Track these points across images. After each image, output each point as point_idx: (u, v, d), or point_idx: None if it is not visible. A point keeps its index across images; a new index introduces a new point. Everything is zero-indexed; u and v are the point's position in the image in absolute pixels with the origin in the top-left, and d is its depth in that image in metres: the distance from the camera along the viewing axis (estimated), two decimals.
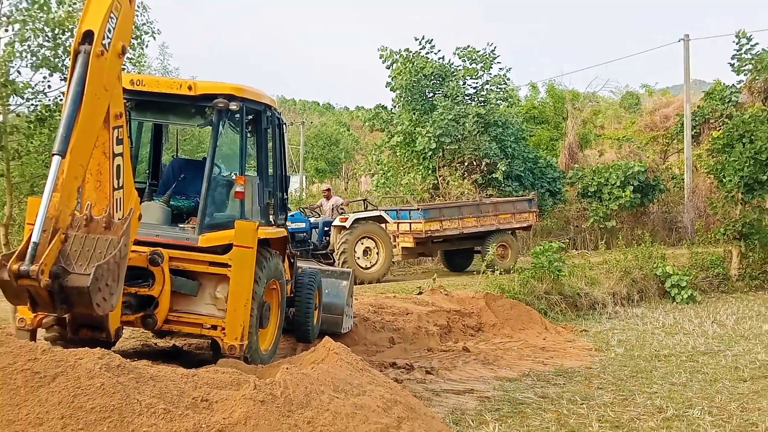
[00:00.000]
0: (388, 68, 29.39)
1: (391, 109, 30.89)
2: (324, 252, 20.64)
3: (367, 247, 20.71)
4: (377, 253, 20.82)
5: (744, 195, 21.76)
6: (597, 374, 11.47)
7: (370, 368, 8.25)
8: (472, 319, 14.86)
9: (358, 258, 20.43)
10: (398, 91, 29.36)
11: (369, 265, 20.73)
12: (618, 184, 28.77)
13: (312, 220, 21.36)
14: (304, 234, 20.47)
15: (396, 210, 23.62)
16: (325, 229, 21.14)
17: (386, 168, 31.21)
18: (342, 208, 22.27)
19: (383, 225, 21.46)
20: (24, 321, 8.75)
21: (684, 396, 10.08)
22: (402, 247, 22.62)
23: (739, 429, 8.58)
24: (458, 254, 24.51)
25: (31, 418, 5.35)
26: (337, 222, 20.57)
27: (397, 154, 30.37)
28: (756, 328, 15.59)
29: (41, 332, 8.72)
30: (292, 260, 11.45)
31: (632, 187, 28.63)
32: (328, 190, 24.07)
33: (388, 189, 30.31)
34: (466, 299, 15.71)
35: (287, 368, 7.23)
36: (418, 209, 23.01)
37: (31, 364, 5.77)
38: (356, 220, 20.55)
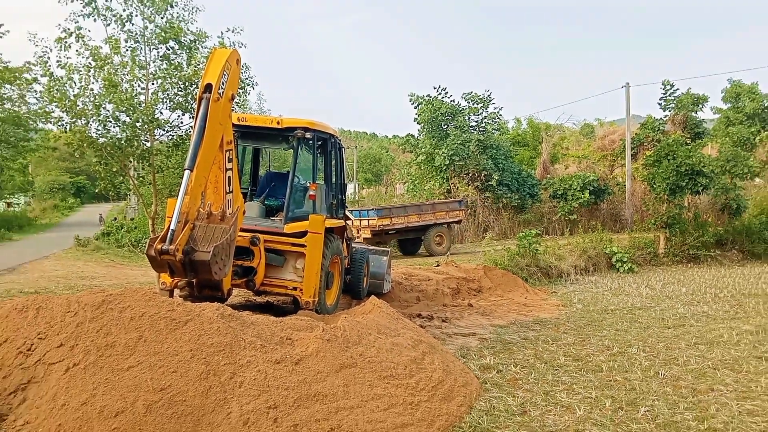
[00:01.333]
0: (415, 108, 29.39)
1: (417, 136, 30.85)
2: None
3: None
4: None
5: (669, 196, 21.55)
6: (563, 323, 11.36)
7: (403, 317, 8.27)
8: (474, 284, 14.76)
9: None
10: (422, 124, 29.40)
11: None
12: (578, 188, 28.50)
13: None
14: None
15: (359, 210, 22.82)
16: None
17: (414, 178, 31.26)
18: None
19: (348, 221, 20.32)
20: (165, 284, 8.89)
21: (625, 338, 9.93)
22: (363, 237, 21.64)
23: (665, 362, 8.45)
24: (408, 242, 23.56)
25: (170, 350, 5.45)
26: None
27: (421, 168, 30.37)
28: (677, 290, 15.30)
29: (176, 291, 8.82)
30: (348, 242, 11.50)
31: (588, 191, 28.40)
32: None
33: (415, 193, 30.32)
34: (470, 269, 15.62)
35: (345, 317, 7.27)
36: (373, 209, 22.41)
37: (170, 313, 5.87)
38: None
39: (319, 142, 10.01)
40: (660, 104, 31.36)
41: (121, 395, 4.96)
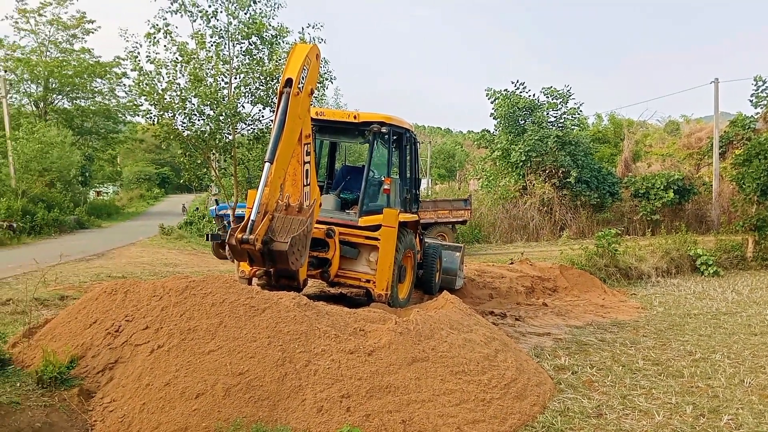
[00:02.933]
0: (492, 103, 29.01)
1: (493, 132, 30.44)
2: None
3: None
4: None
5: (759, 197, 20.48)
6: (642, 326, 10.98)
7: (476, 314, 8.20)
8: (549, 283, 14.49)
9: None
10: (499, 119, 28.95)
11: None
12: (662, 187, 27.48)
13: None
14: None
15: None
16: None
17: (488, 174, 30.87)
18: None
19: None
20: (244, 272, 9.16)
21: (708, 344, 9.52)
22: None
23: (751, 370, 8.05)
24: None
25: (248, 336, 5.62)
26: None
27: (497, 164, 29.94)
28: (765, 296, 14.51)
29: (255, 280, 9.07)
30: (421, 237, 11.50)
31: (672, 190, 27.32)
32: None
33: (489, 189, 29.94)
34: (545, 268, 15.32)
35: (418, 311, 7.29)
36: None
37: (249, 300, 6.05)
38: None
39: (395, 137, 10.04)
40: (751, 101, 29.69)
41: (202, 378, 5.16)
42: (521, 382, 6.40)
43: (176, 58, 11.39)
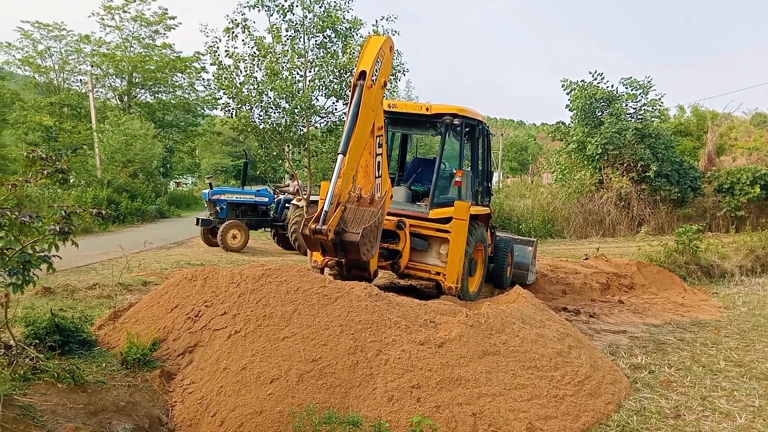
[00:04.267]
0: (568, 94, 28.29)
1: (568, 124, 29.69)
2: (281, 224, 17.67)
3: None
4: None
5: None
6: (724, 326, 10.51)
7: (549, 309, 8.06)
8: (626, 280, 14.05)
9: None
10: (575, 111, 28.17)
11: None
12: (748, 182, 26.15)
13: (277, 196, 18.21)
14: (266, 207, 17.93)
15: None
16: (286, 205, 17.71)
17: (563, 167, 30.14)
18: (304, 189, 18.33)
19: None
20: (316, 262, 9.33)
21: None
22: None
23: None
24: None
25: (321, 324, 5.73)
26: (294, 201, 17.07)
27: (572, 157, 29.18)
28: None
29: (326, 270, 9.21)
30: (493, 230, 11.39)
31: (759, 186, 25.96)
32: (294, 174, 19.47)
33: (563, 183, 29.25)
34: (621, 264, 14.87)
35: (489, 304, 7.24)
36: None
37: (322, 289, 6.16)
38: (311, 202, 16.33)
39: (467, 129, 9.97)
40: None
41: (277, 363, 5.30)
42: (595, 380, 6.26)
43: (254, 53, 11.69)
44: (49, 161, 4.85)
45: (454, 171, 9.90)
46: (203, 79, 38.50)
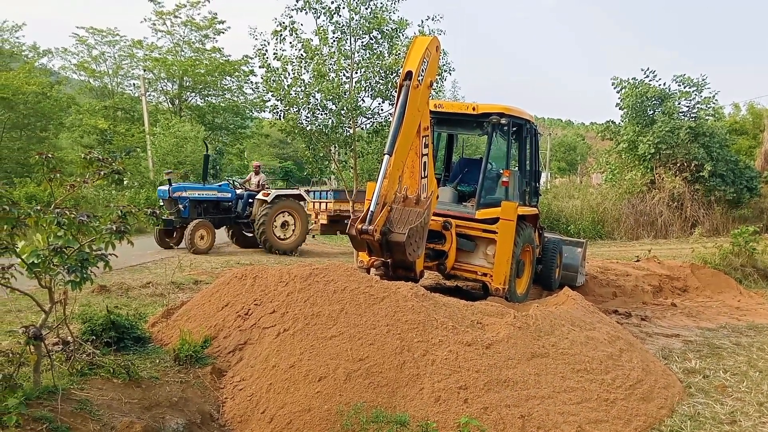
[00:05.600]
0: (618, 92, 27.74)
1: (619, 123, 29.12)
2: (245, 221, 16.82)
3: (285, 221, 16.34)
4: (293, 228, 16.48)
5: None
6: None
7: (599, 312, 7.93)
8: (679, 282, 13.69)
9: (276, 228, 16.22)
10: (625, 110, 27.62)
11: (285, 237, 16.40)
12: None
13: (238, 191, 17.09)
14: (230, 203, 16.74)
15: (318, 191, 19.33)
16: (249, 200, 16.76)
17: (613, 167, 29.59)
18: (267, 185, 17.73)
19: (302, 202, 17.09)
20: (362, 262, 9.38)
21: None
22: (321, 224, 18.59)
23: None
24: None
25: (368, 323, 5.76)
26: (260, 196, 16.37)
27: (622, 156, 28.64)
28: None
29: (372, 270, 9.24)
30: (541, 231, 11.26)
31: None
32: (258, 166, 18.17)
33: (613, 183, 28.70)
34: (674, 267, 14.49)
35: (537, 306, 7.16)
36: (331, 191, 18.34)
37: (368, 289, 6.19)
38: (277, 197, 16.39)
39: (514, 128, 9.88)
40: None
41: (324, 362, 5.35)
42: (647, 384, 6.13)
43: (301, 55, 11.85)
44: (106, 163, 5.01)
45: (501, 171, 9.82)
46: (251, 82, 39.16)
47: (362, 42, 12.25)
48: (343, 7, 11.91)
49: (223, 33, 38.43)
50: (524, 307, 7.94)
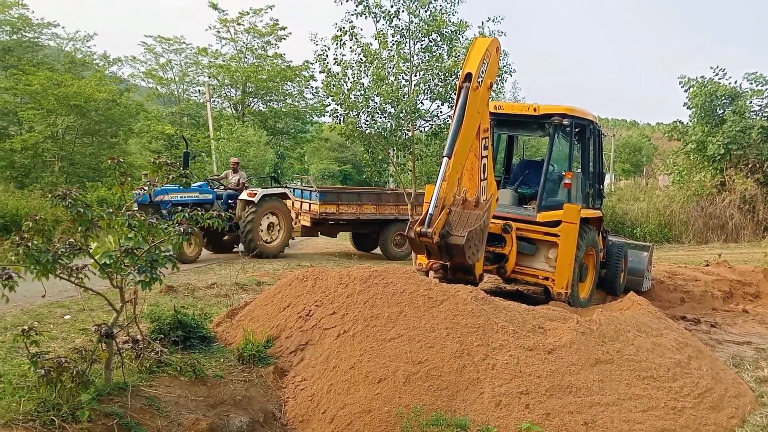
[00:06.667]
0: (686, 91, 26.80)
1: (687, 123, 28.12)
2: (230, 223, 14.79)
3: (271, 222, 15.27)
4: (278, 229, 15.43)
5: None
6: None
7: (666, 317, 7.67)
8: (751, 288, 13.11)
9: (262, 232, 15.12)
10: (693, 109, 26.65)
11: (270, 240, 15.29)
12: None
13: (217, 192, 15.53)
14: (211, 205, 14.99)
15: (301, 190, 17.65)
16: (229, 201, 15.36)
17: (681, 169, 28.58)
18: (246, 184, 16.16)
19: (286, 202, 16.01)
20: (421, 265, 9.37)
21: None
22: (302, 225, 17.08)
23: None
24: (365, 236, 17.84)
25: (427, 326, 5.76)
26: (244, 196, 15.02)
27: (691, 158, 27.64)
28: None
29: (431, 273, 9.22)
30: (605, 235, 11.00)
31: None
32: (237, 163, 16.60)
33: (681, 185, 27.75)
34: (746, 272, 13.89)
35: (601, 311, 7.00)
36: (315, 191, 16.58)
37: (427, 292, 6.19)
38: (264, 196, 15.09)
39: (577, 129, 9.69)
40: None
41: (384, 364, 5.37)
42: (717, 392, 5.89)
43: (361, 59, 11.95)
44: (174, 167, 5.18)
45: (563, 173, 9.65)
46: (312, 87, 39.72)
47: (421, 45, 12.27)
48: (403, 11, 11.96)
49: (284, 39, 39.10)
50: (587, 312, 7.78)
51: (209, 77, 38.12)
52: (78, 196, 4.63)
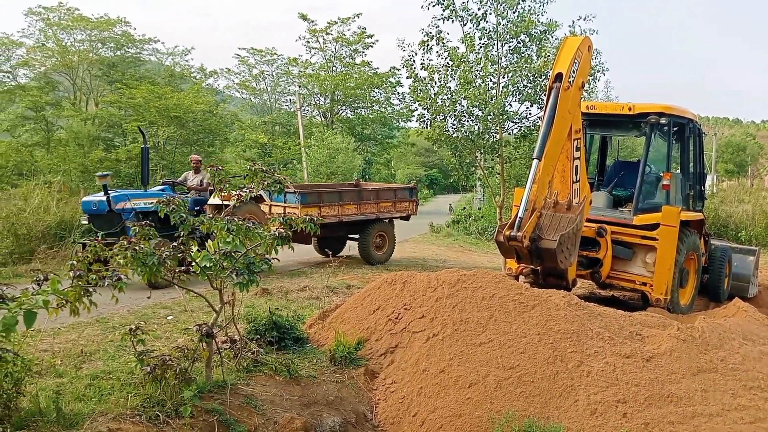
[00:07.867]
0: None
1: None
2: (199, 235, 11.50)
3: None
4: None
5: None
6: None
7: None
8: None
9: None
10: None
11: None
12: None
13: (182, 196, 11.89)
14: None
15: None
16: (196, 207, 12.05)
17: None
18: (211, 187, 12.13)
19: (261, 205, 13.20)
20: (510, 269, 9.24)
21: None
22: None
23: None
24: (332, 239, 15.10)
25: (518, 331, 5.67)
26: (214, 200, 11.80)
27: None
28: None
29: (521, 278, 9.07)
30: (707, 238, 10.46)
31: None
32: (199, 161, 13.08)
33: None
34: None
35: (703, 318, 6.66)
36: (295, 193, 13.41)
37: (518, 297, 6.09)
38: (241, 201, 11.41)
39: (675, 128, 9.29)
40: None
41: (474, 368, 5.34)
42: None
43: (447, 63, 11.94)
44: (269, 173, 5.38)
45: (661, 174, 9.27)
46: (398, 92, 40.02)
47: (509, 46, 12.12)
48: (490, 13, 11.86)
49: (371, 47, 39.63)
50: (689, 318, 7.45)
51: (299, 87, 39.17)
52: (180, 202, 4.89)
